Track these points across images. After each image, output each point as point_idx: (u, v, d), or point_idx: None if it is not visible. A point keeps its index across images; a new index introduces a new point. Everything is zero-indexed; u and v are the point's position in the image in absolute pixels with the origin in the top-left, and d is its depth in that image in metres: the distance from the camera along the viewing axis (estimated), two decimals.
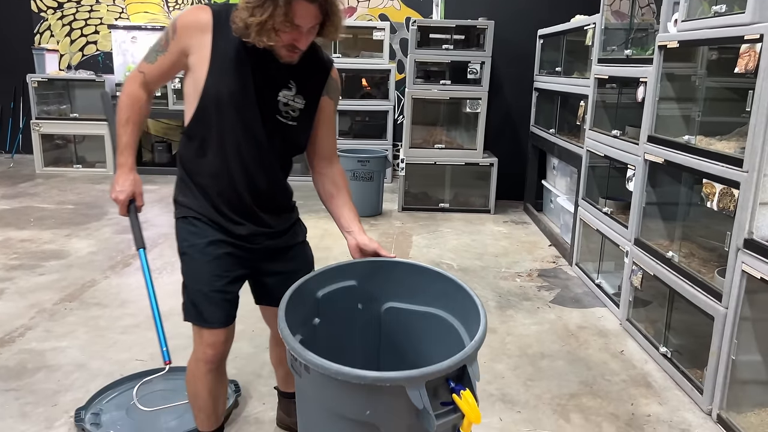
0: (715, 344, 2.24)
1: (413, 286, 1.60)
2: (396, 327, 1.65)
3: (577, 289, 3.57)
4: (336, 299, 1.60)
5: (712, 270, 2.51)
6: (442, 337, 1.55)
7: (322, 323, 1.60)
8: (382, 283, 1.62)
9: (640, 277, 2.87)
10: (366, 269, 1.62)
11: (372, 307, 1.67)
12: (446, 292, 1.53)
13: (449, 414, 1.19)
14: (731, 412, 2.21)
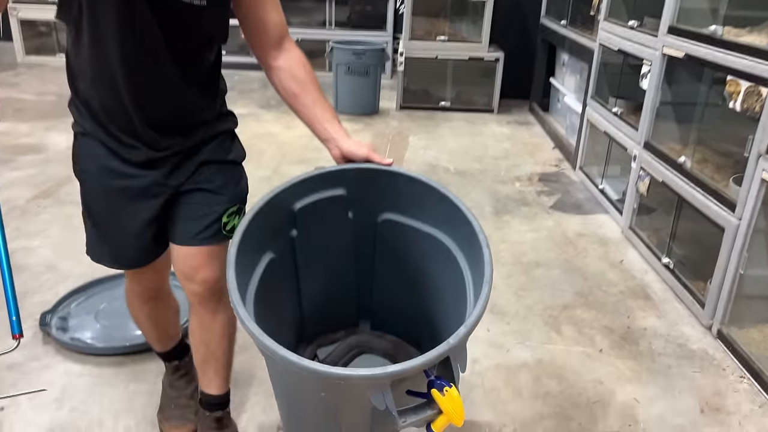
0: (723, 257, 2.08)
1: (414, 202, 1.34)
2: (393, 243, 1.42)
3: (579, 194, 3.39)
4: (319, 210, 1.35)
5: (726, 177, 2.31)
6: (443, 264, 1.36)
7: (301, 236, 1.39)
8: (378, 193, 1.36)
9: (647, 184, 2.68)
10: (357, 176, 1.34)
11: (365, 218, 1.42)
12: (450, 217, 1.27)
13: (421, 410, 1.01)
14: (732, 328, 2.10)
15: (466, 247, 1.27)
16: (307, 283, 1.49)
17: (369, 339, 1.59)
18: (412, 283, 1.47)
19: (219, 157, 1.33)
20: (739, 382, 1.90)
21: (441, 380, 1.00)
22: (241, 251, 1.17)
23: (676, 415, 1.76)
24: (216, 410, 1.51)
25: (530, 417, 1.74)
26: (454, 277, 1.30)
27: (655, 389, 1.86)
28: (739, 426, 1.72)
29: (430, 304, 1.46)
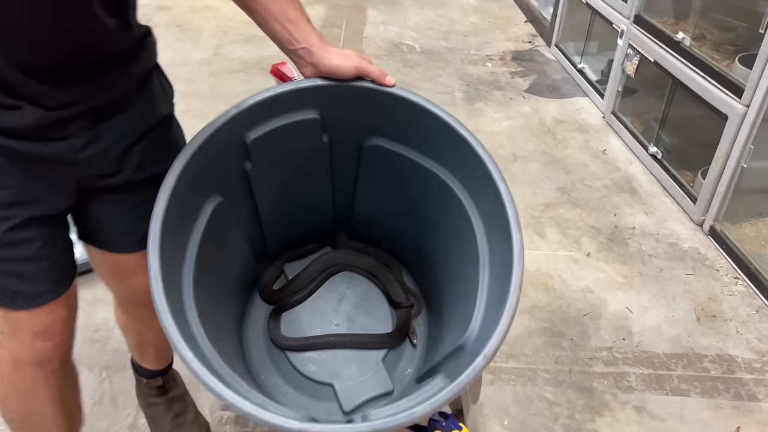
0: (724, 148, 1.89)
1: (417, 133, 1.04)
2: (382, 168, 1.14)
3: (556, 75, 3.11)
4: (282, 137, 1.04)
5: (726, 57, 2.06)
6: (445, 204, 1.08)
7: (258, 168, 1.08)
8: (367, 116, 1.04)
9: (636, 64, 2.41)
10: (337, 97, 0.99)
11: (345, 141, 1.11)
12: (465, 162, 0.97)
13: None
14: (726, 224, 1.95)
15: (481, 203, 0.99)
16: (268, 211, 1.22)
17: (347, 255, 1.35)
18: (401, 208, 1.22)
19: (151, 116, 0.91)
20: (734, 284, 1.78)
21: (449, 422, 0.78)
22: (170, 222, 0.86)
23: (672, 324, 1.63)
24: (156, 376, 1.27)
25: (518, 334, 1.58)
26: (458, 221, 1.04)
27: (648, 296, 1.72)
28: (737, 334, 1.61)
29: (421, 231, 1.22)
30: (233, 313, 1.24)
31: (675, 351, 1.55)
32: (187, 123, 1.05)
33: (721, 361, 1.53)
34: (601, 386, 1.46)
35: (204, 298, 0.97)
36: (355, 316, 1.26)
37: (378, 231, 1.34)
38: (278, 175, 1.14)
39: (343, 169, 1.18)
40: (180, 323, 0.80)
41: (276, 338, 1.22)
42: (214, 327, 0.98)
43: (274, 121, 1.01)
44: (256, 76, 2.90)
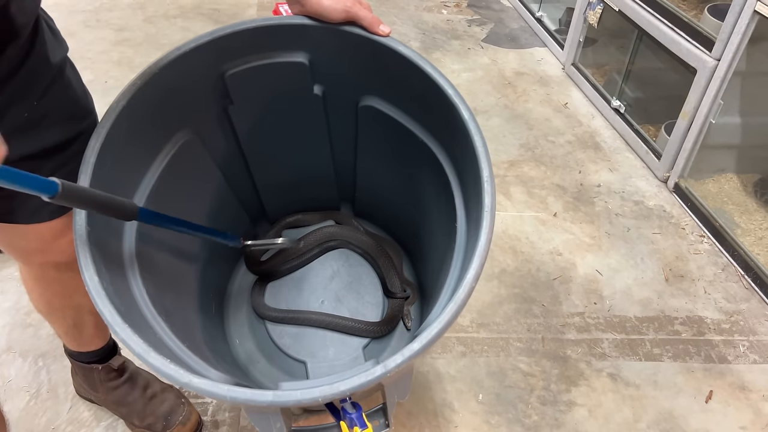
0: (691, 103, 1.84)
1: (406, 90, 0.93)
2: (377, 133, 1.05)
3: (513, 23, 2.99)
4: (267, 81, 0.95)
5: (693, 6, 2.00)
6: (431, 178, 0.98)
7: (242, 108, 0.98)
8: (358, 69, 0.95)
9: (600, 13, 2.32)
10: (326, 41, 0.90)
11: (340, 97, 1.02)
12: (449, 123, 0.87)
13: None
14: (690, 180, 1.93)
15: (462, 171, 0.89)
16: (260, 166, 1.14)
17: (348, 232, 1.25)
18: (397, 182, 1.12)
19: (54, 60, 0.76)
20: (699, 242, 1.76)
21: (357, 414, 0.69)
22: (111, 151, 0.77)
23: (641, 286, 1.60)
24: (111, 357, 1.15)
25: (488, 302, 1.52)
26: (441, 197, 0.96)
27: (617, 257, 1.68)
28: (705, 294, 1.59)
29: (412, 210, 1.13)
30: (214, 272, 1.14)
31: (646, 314, 1.52)
32: (120, 74, 0.90)
33: (690, 323, 1.51)
34: (575, 354, 1.42)
35: (159, 254, 0.88)
36: (344, 297, 1.17)
37: (382, 210, 1.26)
38: (267, 124, 1.03)
39: (341, 130, 1.09)
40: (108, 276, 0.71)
41: (257, 306, 1.16)
42: (168, 284, 0.88)
43: (257, 58, 0.93)
44: (194, 21, 2.66)
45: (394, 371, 0.64)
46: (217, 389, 0.61)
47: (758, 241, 1.74)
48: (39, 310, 1.04)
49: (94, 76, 2.18)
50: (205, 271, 1.08)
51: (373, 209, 1.28)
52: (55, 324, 1.07)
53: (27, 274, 0.98)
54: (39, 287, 0.99)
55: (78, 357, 1.14)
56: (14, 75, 0.71)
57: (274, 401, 0.61)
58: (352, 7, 0.85)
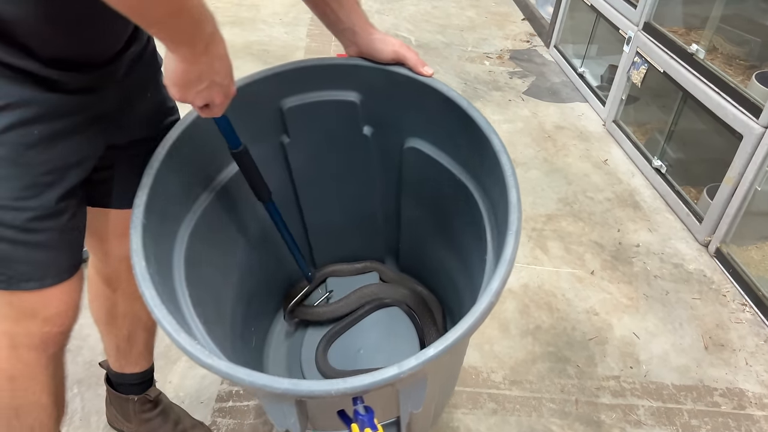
0: (736, 169, 1.82)
1: (447, 130, 0.98)
2: (420, 176, 1.09)
3: (555, 77, 3.02)
4: (321, 114, 1.02)
5: (740, 72, 2.00)
6: (467, 221, 1.01)
7: (297, 145, 1.05)
8: (403, 109, 1.00)
9: (644, 73, 2.33)
10: (376, 81, 0.97)
11: (386, 138, 1.07)
12: (489, 165, 0.89)
13: None
14: (732, 246, 1.89)
15: (498, 212, 0.90)
16: (311, 204, 1.18)
17: (390, 290, 1.27)
18: (436, 229, 1.14)
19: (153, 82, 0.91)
20: (741, 310, 1.72)
21: (368, 416, 0.70)
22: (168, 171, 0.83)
23: (679, 353, 1.56)
24: (148, 388, 1.16)
25: (521, 359, 1.50)
26: (476, 241, 0.96)
27: (655, 321, 1.65)
28: (747, 366, 1.55)
29: (451, 261, 1.14)
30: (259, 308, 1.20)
31: (684, 382, 1.48)
32: None
33: (731, 395, 1.47)
34: (609, 419, 1.38)
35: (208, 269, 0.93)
36: (382, 348, 1.19)
37: (425, 265, 1.27)
38: (319, 162, 1.08)
39: (386, 173, 1.13)
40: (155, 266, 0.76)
41: (321, 366, 1.17)
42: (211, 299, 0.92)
43: (313, 95, 1.00)
44: (245, 61, 2.75)
45: (408, 373, 0.63)
46: (237, 372, 0.63)
47: None
48: (98, 318, 1.07)
49: None
50: (249, 304, 1.09)
51: (416, 262, 1.29)
52: (109, 335, 1.08)
53: (99, 275, 1.02)
54: (108, 289, 1.02)
55: (118, 380, 1.15)
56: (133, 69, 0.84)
57: (289, 389, 0.62)
58: (400, 49, 0.94)
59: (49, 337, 0.84)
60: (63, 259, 0.81)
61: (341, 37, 0.96)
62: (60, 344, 0.88)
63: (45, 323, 0.83)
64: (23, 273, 0.77)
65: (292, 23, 3.19)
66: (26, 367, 0.86)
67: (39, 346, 0.85)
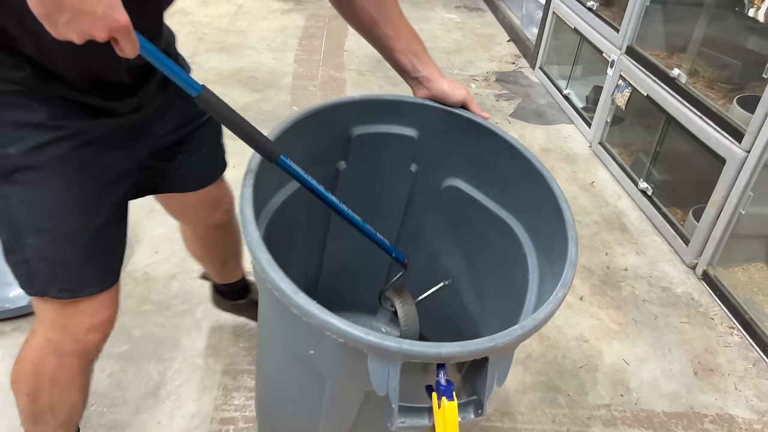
0: (720, 193, 1.84)
1: (495, 172, 1.07)
2: (452, 215, 1.16)
3: (540, 99, 3.05)
4: (377, 147, 1.12)
5: (721, 96, 2.03)
6: (506, 258, 1.06)
7: (350, 171, 1.14)
8: (454, 150, 1.11)
9: (627, 96, 2.37)
10: (437, 120, 1.07)
11: (430, 177, 1.16)
12: (536, 202, 0.97)
13: (422, 415, 0.75)
14: (719, 268, 1.91)
15: (543, 245, 0.98)
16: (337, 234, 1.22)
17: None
18: (463, 268, 1.17)
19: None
20: (729, 334, 1.73)
21: (448, 387, 0.74)
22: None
23: (669, 379, 1.57)
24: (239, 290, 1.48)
25: (513, 389, 1.50)
26: (515, 278, 0.99)
27: (644, 346, 1.66)
28: (736, 391, 1.55)
29: (476, 302, 1.15)
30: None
31: (674, 410, 1.49)
32: None
33: (721, 421, 1.47)
34: None
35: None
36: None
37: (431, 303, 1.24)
38: (363, 192, 1.15)
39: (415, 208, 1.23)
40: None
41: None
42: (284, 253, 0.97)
43: (378, 127, 1.10)
44: (232, 88, 2.76)
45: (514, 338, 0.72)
46: (355, 330, 0.68)
47: None
48: (196, 255, 1.38)
49: None
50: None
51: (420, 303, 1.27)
52: (208, 264, 1.40)
53: (194, 236, 1.30)
54: (199, 242, 1.31)
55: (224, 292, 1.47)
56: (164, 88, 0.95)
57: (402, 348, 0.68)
58: (467, 95, 1.06)
59: (92, 345, 0.94)
60: (113, 268, 0.92)
61: (414, 83, 1.07)
62: (99, 351, 0.97)
63: (91, 330, 0.92)
64: (89, 281, 0.88)
65: (279, 49, 3.21)
66: (68, 372, 0.96)
67: (82, 354, 0.95)
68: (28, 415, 1.02)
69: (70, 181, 0.82)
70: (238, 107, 1.01)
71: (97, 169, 0.85)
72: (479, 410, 0.76)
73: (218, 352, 1.50)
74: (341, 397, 0.87)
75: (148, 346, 1.49)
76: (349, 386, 0.85)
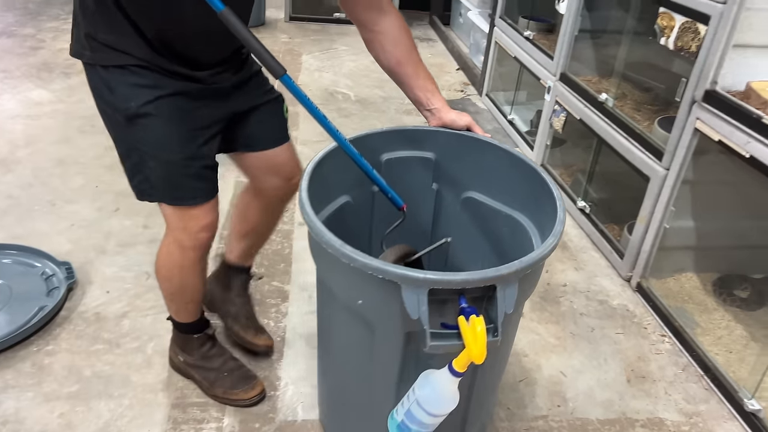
0: (647, 209, 1.95)
1: (504, 179, 1.31)
2: (473, 223, 1.39)
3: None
4: (405, 169, 1.36)
5: (647, 117, 2.16)
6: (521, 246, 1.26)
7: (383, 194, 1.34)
8: (466, 166, 1.35)
9: (563, 120, 2.49)
10: (449, 143, 1.33)
11: (449, 193, 1.42)
12: (535, 194, 1.22)
13: (449, 338, 0.95)
14: (651, 280, 2.01)
15: (542, 225, 1.20)
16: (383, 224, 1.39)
17: None
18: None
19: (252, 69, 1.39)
20: (661, 341, 1.83)
21: (471, 309, 0.95)
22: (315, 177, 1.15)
23: (604, 388, 1.65)
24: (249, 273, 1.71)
25: None
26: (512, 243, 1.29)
27: (581, 358, 1.74)
28: (666, 395, 1.64)
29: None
30: None
31: (608, 416, 1.57)
32: (111, 179, 1.00)
33: (651, 425, 1.55)
34: None
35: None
36: None
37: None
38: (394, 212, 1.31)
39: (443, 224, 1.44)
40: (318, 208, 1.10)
41: None
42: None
43: (403, 152, 1.34)
44: None
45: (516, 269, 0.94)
46: (390, 267, 0.91)
47: (717, 341, 1.81)
48: (236, 229, 1.61)
49: (85, 181, 2.30)
50: None
51: None
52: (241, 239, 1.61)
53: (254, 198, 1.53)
54: (255, 209, 1.54)
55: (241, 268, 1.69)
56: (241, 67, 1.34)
57: (428, 278, 0.90)
58: (471, 120, 1.31)
59: (204, 241, 1.31)
60: (211, 186, 1.28)
61: (427, 113, 1.32)
62: (209, 247, 1.34)
63: (202, 230, 1.29)
64: (190, 194, 1.25)
65: None
66: (188, 261, 1.34)
67: (197, 248, 1.32)
68: (167, 295, 1.44)
69: (171, 123, 1.19)
70: None
71: (188, 115, 1.21)
72: (495, 333, 0.96)
73: (168, 387, 1.54)
74: (387, 341, 1.06)
75: (98, 384, 1.52)
76: (392, 329, 1.03)
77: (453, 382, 0.96)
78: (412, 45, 1.30)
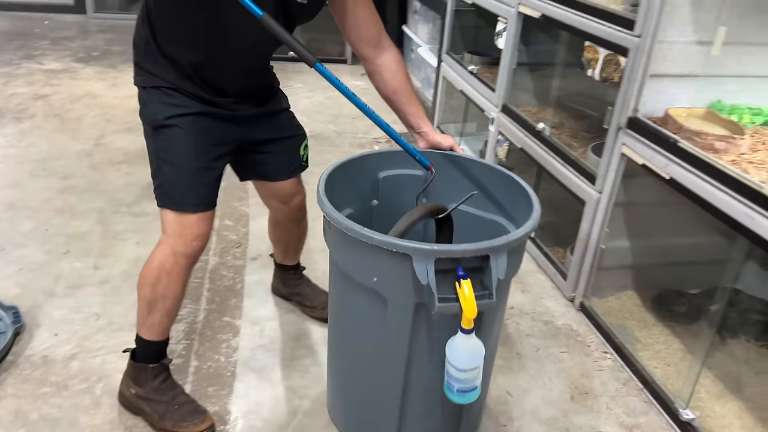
0: (584, 230, 2.04)
1: (484, 189, 1.52)
2: (459, 230, 1.51)
3: None
4: (398, 186, 1.55)
5: (583, 144, 2.27)
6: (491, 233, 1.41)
7: (380, 207, 1.56)
8: (451, 181, 1.53)
9: (506, 150, 2.59)
10: (438, 160, 1.50)
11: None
12: (511, 197, 1.47)
13: (451, 301, 1.14)
14: (594, 299, 2.09)
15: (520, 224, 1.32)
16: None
17: None
18: None
19: (284, 106, 1.66)
20: (603, 358, 1.90)
21: (464, 275, 1.13)
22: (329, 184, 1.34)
23: (548, 405, 1.71)
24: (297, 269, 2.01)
25: None
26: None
27: (527, 378, 1.80)
28: (607, 409, 1.70)
29: None
30: None
31: None
32: (62, 221, 1.03)
33: None
34: None
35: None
36: None
37: None
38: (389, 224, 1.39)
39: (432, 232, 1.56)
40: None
41: None
42: None
43: (396, 171, 1.55)
44: (139, 167, 2.84)
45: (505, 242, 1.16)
46: (402, 241, 1.13)
47: (655, 355, 1.88)
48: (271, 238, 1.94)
49: (35, 225, 2.30)
50: None
51: None
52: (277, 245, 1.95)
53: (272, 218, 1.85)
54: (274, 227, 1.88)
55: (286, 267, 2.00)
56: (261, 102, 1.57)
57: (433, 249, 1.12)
58: (453, 142, 1.54)
59: (196, 249, 1.44)
60: (212, 198, 1.45)
61: (417, 136, 1.55)
62: (198, 257, 1.47)
63: (196, 238, 1.42)
64: (194, 201, 1.40)
65: None
66: (178, 267, 1.43)
67: (189, 255, 1.44)
68: (146, 304, 1.47)
69: (189, 135, 1.39)
70: (146, 184, 1.10)
71: (205, 133, 1.42)
72: (490, 296, 1.16)
73: (117, 427, 1.54)
74: (399, 311, 1.23)
75: (45, 428, 1.52)
76: (403, 301, 1.21)
77: (468, 338, 1.17)
78: (406, 77, 1.53)
